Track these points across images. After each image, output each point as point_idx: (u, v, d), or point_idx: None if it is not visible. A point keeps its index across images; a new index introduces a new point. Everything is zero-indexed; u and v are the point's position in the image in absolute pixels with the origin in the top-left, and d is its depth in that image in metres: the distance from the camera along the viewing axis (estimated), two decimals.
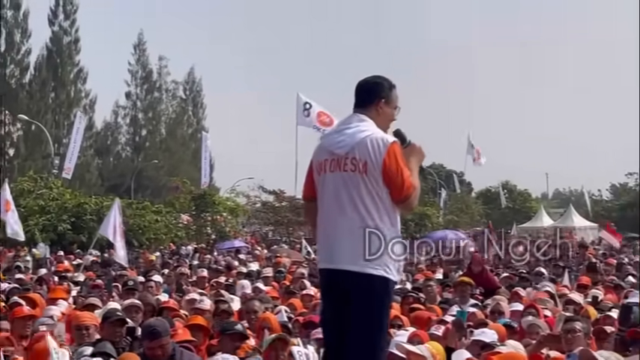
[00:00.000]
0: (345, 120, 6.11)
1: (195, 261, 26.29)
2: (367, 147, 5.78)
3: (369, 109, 6.04)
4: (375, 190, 5.77)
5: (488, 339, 8.45)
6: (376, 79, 6.16)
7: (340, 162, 5.89)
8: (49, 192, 41.45)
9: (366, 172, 5.77)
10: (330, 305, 6.16)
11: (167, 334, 8.21)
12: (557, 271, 19.59)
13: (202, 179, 59.21)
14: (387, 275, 5.76)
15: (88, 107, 78.75)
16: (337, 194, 5.89)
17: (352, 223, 5.79)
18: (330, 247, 6.00)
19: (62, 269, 22.44)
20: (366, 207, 5.77)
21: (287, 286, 15.28)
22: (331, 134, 6.21)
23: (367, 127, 5.91)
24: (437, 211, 70.39)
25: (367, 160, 5.76)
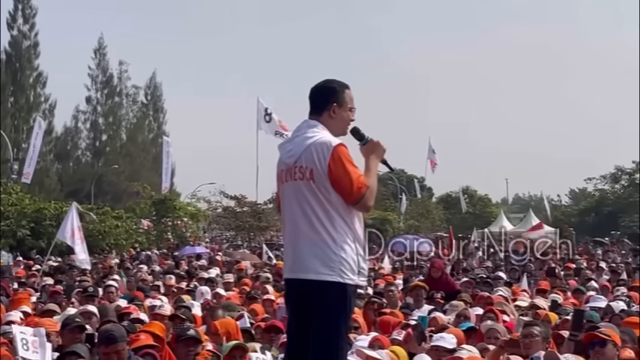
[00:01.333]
0: (297, 128, 6.11)
1: (157, 266, 26.12)
2: (312, 154, 5.78)
3: (321, 115, 6.02)
4: (324, 195, 5.77)
5: (447, 344, 8.49)
6: (327, 83, 6.14)
7: (291, 171, 5.91)
8: (7, 197, 41.06)
9: (313, 179, 5.77)
10: (292, 313, 6.18)
11: (123, 339, 8.14)
12: (513, 275, 19.78)
13: (163, 184, 58.97)
14: (342, 280, 5.73)
15: (48, 112, 78.28)
16: (291, 204, 5.93)
17: (305, 232, 5.80)
18: (288, 257, 6.07)
19: (21, 275, 22.32)
20: (317, 215, 5.77)
21: (248, 292, 15.26)
22: (284, 143, 6.18)
23: (315, 133, 5.90)
24: (398, 216, 70.76)
25: (313, 167, 5.77)
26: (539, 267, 24.25)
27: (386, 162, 6.19)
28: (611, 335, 7.96)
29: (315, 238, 5.76)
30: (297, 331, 6.05)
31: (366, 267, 5.98)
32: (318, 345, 5.77)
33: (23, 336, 6.80)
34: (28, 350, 6.73)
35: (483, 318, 10.73)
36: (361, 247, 5.88)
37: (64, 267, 24.76)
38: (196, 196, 60.07)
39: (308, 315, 5.81)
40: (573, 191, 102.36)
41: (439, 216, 78.30)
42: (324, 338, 5.77)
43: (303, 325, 5.87)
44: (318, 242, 5.75)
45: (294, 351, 6.10)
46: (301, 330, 5.93)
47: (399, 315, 11.69)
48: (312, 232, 5.77)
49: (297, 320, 6.05)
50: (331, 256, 5.73)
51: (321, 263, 5.72)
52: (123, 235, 42.52)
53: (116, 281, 18.13)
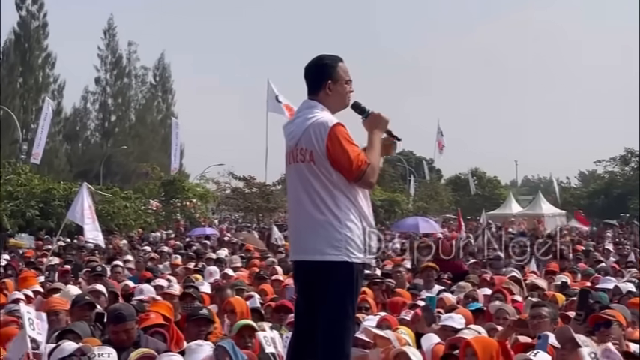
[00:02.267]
0: (298, 108, 6.13)
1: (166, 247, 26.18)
2: (310, 135, 5.78)
3: (318, 94, 5.99)
4: (326, 176, 5.75)
5: (456, 324, 8.49)
6: (318, 60, 6.09)
7: (293, 154, 5.92)
8: (17, 178, 41.06)
9: (313, 160, 5.77)
10: (300, 293, 6.18)
11: (132, 318, 8.15)
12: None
13: (172, 165, 58.89)
14: (349, 260, 5.72)
15: (57, 92, 78.40)
16: (294, 186, 5.94)
17: (309, 213, 5.79)
18: (294, 239, 6.10)
19: (30, 255, 22.41)
20: (320, 195, 5.76)
21: (257, 272, 15.29)
22: (286, 125, 6.15)
23: (313, 114, 5.88)
24: (406, 197, 70.67)
25: (312, 149, 5.77)
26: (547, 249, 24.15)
27: (390, 132, 6.14)
28: (616, 316, 7.94)
29: (320, 219, 5.75)
30: (304, 311, 6.05)
31: (374, 244, 5.94)
32: (326, 325, 5.76)
33: (30, 315, 6.83)
34: (34, 330, 6.76)
35: (492, 298, 10.74)
36: (368, 225, 5.85)
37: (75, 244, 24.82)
38: (205, 178, 60.07)
39: (316, 295, 5.81)
40: (583, 173, 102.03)
41: (448, 198, 78.21)
42: (332, 318, 5.76)
43: (311, 305, 5.88)
44: (322, 223, 5.74)
45: (301, 330, 6.11)
46: (309, 310, 5.94)
47: (407, 295, 11.72)
48: (317, 213, 5.76)
49: (305, 300, 6.06)
50: (336, 236, 5.71)
51: (327, 244, 5.71)
52: (132, 216, 42.46)
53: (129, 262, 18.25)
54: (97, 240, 20.68)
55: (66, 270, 15.94)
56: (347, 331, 5.85)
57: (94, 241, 20.92)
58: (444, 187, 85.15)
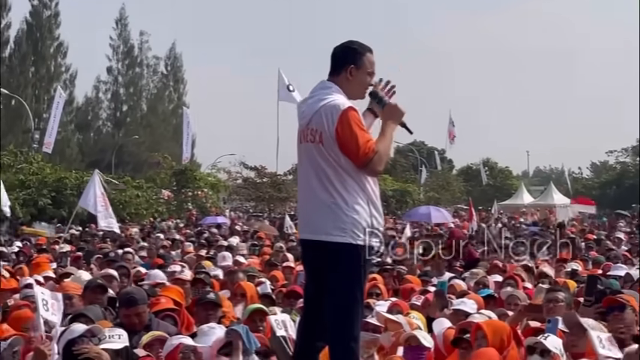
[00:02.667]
0: (313, 88, 6.05)
1: (177, 235, 26.25)
2: (321, 116, 5.74)
3: (338, 76, 5.95)
4: (334, 159, 5.73)
5: (468, 309, 8.49)
6: (348, 44, 6.05)
7: (304, 133, 5.89)
8: (29, 166, 41.23)
9: (322, 141, 5.74)
10: (308, 274, 6.20)
11: (144, 302, 8.17)
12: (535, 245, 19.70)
13: (183, 154, 58.93)
14: (354, 242, 5.70)
15: (69, 82, 78.69)
16: (304, 166, 5.93)
17: (316, 194, 5.79)
18: (302, 218, 6.10)
19: (42, 242, 22.49)
20: (328, 177, 5.74)
21: (268, 259, 15.34)
22: (300, 104, 6.16)
23: (327, 95, 5.84)
24: (418, 188, 70.64)
25: (322, 130, 5.73)
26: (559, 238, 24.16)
27: (405, 125, 6.13)
28: (630, 301, 7.92)
29: (327, 200, 5.73)
30: (313, 292, 6.06)
31: (381, 228, 5.92)
32: (334, 307, 5.76)
33: (43, 297, 6.82)
34: (48, 311, 6.75)
35: (503, 285, 10.75)
36: (375, 209, 5.82)
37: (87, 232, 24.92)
38: (216, 167, 60.19)
39: (323, 276, 5.81)
40: (594, 164, 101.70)
41: (459, 188, 78.05)
42: (340, 300, 5.75)
43: (319, 286, 5.88)
44: (329, 204, 5.72)
45: (310, 312, 6.11)
46: (317, 291, 5.94)
47: (418, 282, 11.75)
48: (324, 193, 5.75)
49: (313, 280, 6.08)
50: (343, 218, 5.69)
51: (333, 225, 5.70)
52: (143, 205, 42.57)
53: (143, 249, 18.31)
54: (111, 227, 20.68)
55: (78, 256, 16.02)
56: (355, 314, 5.84)
57: (108, 228, 20.92)
58: (456, 178, 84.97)
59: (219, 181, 53.96)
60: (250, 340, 7.11)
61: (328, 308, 5.79)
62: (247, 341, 7.07)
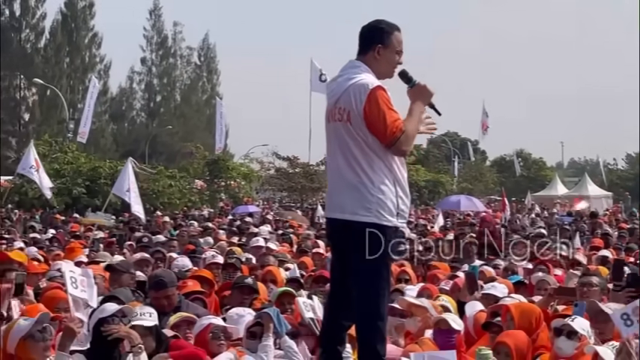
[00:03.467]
0: (342, 67, 6.06)
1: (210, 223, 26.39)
2: (350, 95, 5.77)
3: (367, 55, 5.97)
4: (362, 138, 5.75)
5: (498, 293, 8.49)
6: (376, 23, 6.08)
7: (332, 112, 5.91)
8: (63, 156, 41.55)
9: (350, 120, 5.76)
10: (333, 253, 6.24)
11: (173, 285, 8.25)
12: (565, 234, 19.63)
13: (217, 144, 59.04)
14: (379, 222, 5.73)
15: (103, 72, 79.08)
16: (332, 144, 5.95)
17: (343, 173, 5.82)
18: (328, 197, 6.14)
19: (76, 229, 22.70)
20: (355, 156, 5.76)
21: (299, 245, 15.42)
22: (329, 83, 6.20)
23: (356, 75, 5.85)
24: (451, 178, 70.43)
25: (350, 109, 5.76)
26: (591, 228, 24.11)
27: (433, 106, 6.13)
28: None
29: (354, 180, 5.76)
30: (340, 272, 6.09)
31: (406, 209, 5.94)
32: (360, 286, 5.81)
33: (72, 274, 6.87)
34: (77, 288, 6.80)
35: (534, 270, 10.72)
36: (401, 189, 5.84)
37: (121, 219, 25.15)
38: (249, 157, 60.26)
39: (348, 255, 5.84)
40: (630, 155, 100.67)
41: (492, 179, 77.74)
42: (366, 279, 5.78)
43: (345, 265, 5.91)
44: (356, 183, 5.76)
45: (337, 291, 6.14)
46: (344, 270, 5.97)
47: (446, 267, 11.77)
48: (351, 173, 5.78)
49: (340, 261, 6.09)
50: (368, 198, 5.73)
51: (359, 204, 5.73)
52: (176, 195, 42.72)
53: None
54: (139, 214, 20.82)
55: (111, 242, 16.17)
56: (381, 293, 5.87)
57: (138, 214, 21.03)
58: (489, 169, 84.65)
59: (252, 171, 54.03)
60: (281, 322, 7.18)
61: (354, 288, 5.82)
62: (278, 323, 7.13)
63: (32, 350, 5.94)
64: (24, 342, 5.90)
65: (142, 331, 6.57)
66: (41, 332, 6.02)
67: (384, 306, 5.94)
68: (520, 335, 6.95)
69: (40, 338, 5.98)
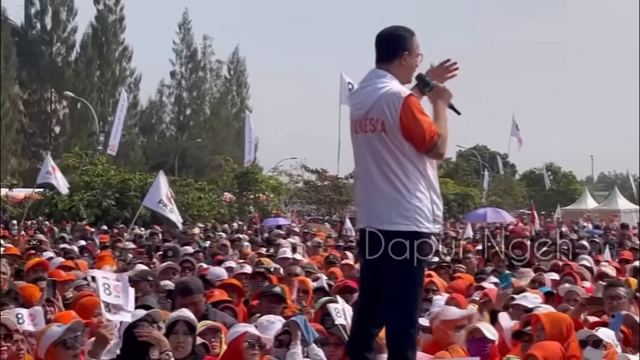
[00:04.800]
0: (365, 78, 6.02)
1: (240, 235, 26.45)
2: (382, 105, 5.73)
3: (392, 63, 5.95)
4: (397, 146, 5.73)
5: (530, 303, 8.43)
6: (396, 30, 6.07)
7: (362, 123, 5.87)
8: (94, 168, 41.85)
9: (385, 130, 5.74)
10: (365, 263, 6.17)
11: (199, 292, 8.29)
12: (594, 246, 19.54)
13: (246, 157, 59.18)
14: (418, 229, 5.73)
15: (133, 86, 79.63)
16: (363, 156, 5.92)
17: (378, 183, 5.80)
18: (363, 209, 6.03)
19: (106, 240, 22.85)
20: (389, 166, 5.74)
21: (327, 257, 15.42)
22: (354, 94, 6.15)
23: (384, 84, 5.83)
24: (480, 192, 70.23)
25: (384, 119, 5.72)
26: (619, 240, 24.00)
27: (453, 106, 6.12)
28: None
29: (389, 189, 5.75)
30: (370, 282, 6.03)
31: (441, 214, 5.93)
32: (396, 295, 5.77)
33: (106, 281, 6.90)
34: (110, 295, 6.83)
35: (562, 281, 10.67)
36: (436, 195, 5.85)
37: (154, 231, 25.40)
38: (278, 170, 60.39)
39: (384, 264, 5.78)
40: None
41: (522, 193, 77.49)
42: (402, 290, 5.77)
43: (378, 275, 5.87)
44: (392, 193, 5.74)
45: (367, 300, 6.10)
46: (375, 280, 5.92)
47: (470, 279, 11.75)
48: (387, 183, 5.76)
49: (372, 271, 6.00)
50: (406, 206, 5.72)
51: (397, 213, 5.72)
52: (205, 207, 42.90)
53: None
54: (177, 222, 20.63)
55: (140, 251, 16.26)
56: (415, 301, 5.88)
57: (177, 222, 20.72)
58: (519, 182, 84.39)
59: (281, 184, 54.13)
60: (309, 330, 7.19)
61: (389, 294, 5.80)
62: (306, 331, 7.14)
63: (62, 356, 5.99)
64: (55, 348, 5.95)
65: (184, 328, 6.74)
66: (73, 339, 6.07)
67: (418, 313, 5.99)
68: (551, 346, 6.91)
69: (71, 345, 6.02)
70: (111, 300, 6.77)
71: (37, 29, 73.83)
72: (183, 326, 6.80)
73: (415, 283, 5.86)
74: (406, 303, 5.80)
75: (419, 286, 5.94)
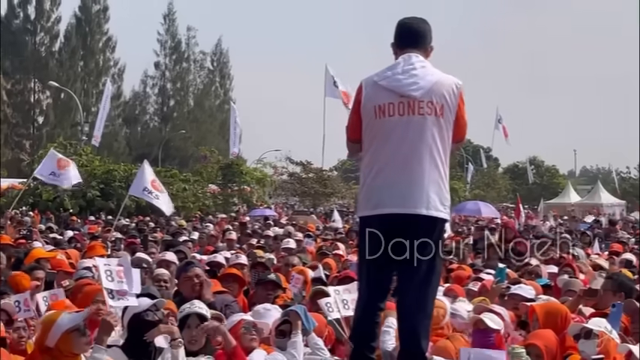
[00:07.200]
0: (406, 61, 5.91)
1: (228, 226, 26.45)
2: (443, 91, 5.76)
3: (425, 52, 6.00)
4: (447, 132, 5.79)
5: (525, 294, 8.46)
6: (427, 24, 6.13)
7: (414, 105, 5.76)
8: (78, 158, 41.54)
9: (443, 115, 5.75)
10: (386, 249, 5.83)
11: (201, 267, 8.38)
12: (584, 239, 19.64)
13: (231, 149, 59.09)
14: (447, 217, 5.85)
15: (117, 76, 79.44)
16: (412, 138, 5.76)
17: (426, 167, 5.73)
18: (402, 192, 5.77)
19: (94, 231, 22.80)
20: (439, 151, 5.75)
21: (319, 248, 15.43)
22: (394, 76, 5.86)
23: (433, 70, 5.88)
24: (464, 185, 70.35)
25: (444, 103, 5.75)
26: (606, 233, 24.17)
27: None
28: None
29: (435, 175, 5.75)
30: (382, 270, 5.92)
31: None
32: (425, 285, 5.79)
33: (107, 267, 6.83)
34: (113, 281, 6.77)
35: (560, 273, 10.70)
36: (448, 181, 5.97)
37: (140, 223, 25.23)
38: (262, 162, 60.34)
39: (411, 250, 5.72)
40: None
41: (505, 186, 77.70)
42: (432, 279, 5.84)
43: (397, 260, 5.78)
44: (437, 179, 5.76)
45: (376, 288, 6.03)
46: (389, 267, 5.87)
47: (469, 270, 11.79)
48: (434, 168, 5.75)
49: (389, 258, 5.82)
50: (445, 194, 5.80)
51: (439, 200, 5.74)
52: (190, 199, 42.72)
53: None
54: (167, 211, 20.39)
55: (132, 242, 16.20)
56: (437, 287, 6.07)
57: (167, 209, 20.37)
58: (502, 176, 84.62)
59: (265, 176, 54.06)
60: (309, 319, 7.19)
61: (415, 283, 5.77)
62: (306, 321, 7.14)
63: (76, 343, 5.94)
64: (69, 335, 5.90)
65: (196, 322, 6.80)
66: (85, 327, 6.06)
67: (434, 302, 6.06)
68: (547, 334, 6.93)
69: (85, 332, 6.01)
70: (114, 286, 6.72)
71: (20, 19, 73.48)
72: (196, 320, 6.83)
73: (439, 273, 6.04)
74: (430, 293, 5.89)
75: (440, 275, 6.14)
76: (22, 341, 7.06)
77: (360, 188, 6.11)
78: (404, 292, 5.84)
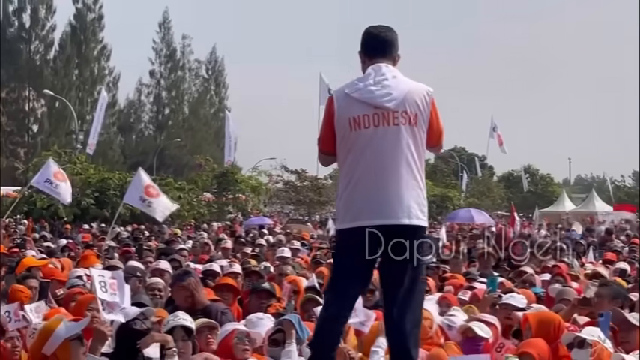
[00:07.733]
0: (377, 71, 5.90)
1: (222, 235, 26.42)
2: (416, 99, 5.78)
3: (391, 62, 5.99)
4: (421, 139, 5.81)
5: (517, 303, 8.46)
6: (394, 33, 6.14)
7: (389, 116, 5.77)
8: (72, 167, 41.50)
9: (416, 124, 5.78)
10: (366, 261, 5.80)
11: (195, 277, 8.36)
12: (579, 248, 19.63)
13: (226, 157, 59.12)
14: (426, 224, 5.84)
15: (112, 84, 79.48)
16: (388, 149, 5.77)
17: (405, 177, 5.74)
18: (381, 203, 5.76)
19: (88, 239, 22.77)
20: (414, 159, 5.77)
21: (314, 256, 15.42)
22: (366, 87, 5.85)
23: (405, 79, 5.89)
24: (458, 193, 70.38)
25: (417, 112, 5.77)
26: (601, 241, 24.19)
27: None
28: None
29: (414, 184, 5.75)
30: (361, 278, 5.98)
31: None
32: (413, 293, 5.76)
33: (102, 278, 6.85)
34: (107, 292, 6.78)
35: (551, 282, 10.71)
36: None
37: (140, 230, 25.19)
38: (257, 170, 60.34)
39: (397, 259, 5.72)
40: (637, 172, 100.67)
41: (500, 195, 77.73)
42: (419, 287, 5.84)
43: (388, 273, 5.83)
44: (415, 187, 5.76)
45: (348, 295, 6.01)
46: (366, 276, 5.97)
47: (463, 279, 11.78)
48: (411, 177, 5.75)
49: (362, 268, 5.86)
50: (423, 201, 5.81)
51: (419, 208, 5.76)
52: (185, 207, 42.66)
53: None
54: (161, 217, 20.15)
55: (127, 250, 16.18)
56: (424, 296, 6.04)
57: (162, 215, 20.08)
58: (497, 184, 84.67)
59: (261, 184, 54.05)
60: (302, 328, 7.19)
61: (404, 294, 5.75)
62: (300, 329, 7.14)
63: (74, 352, 5.98)
64: (68, 343, 5.93)
65: (181, 334, 6.77)
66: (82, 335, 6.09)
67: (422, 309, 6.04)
68: (540, 343, 6.94)
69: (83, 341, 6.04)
70: (107, 297, 6.73)
71: (15, 27, 73.61)
72: (181, 331, 6.80)
73: (424, 281, 6.04)
74: (418, 302, 5.86)
75: (425, 283, 6.02)
76: (16, 350, 7.05)
77: (337, 201, 6.05)
78: (390, 302, 5.81)
